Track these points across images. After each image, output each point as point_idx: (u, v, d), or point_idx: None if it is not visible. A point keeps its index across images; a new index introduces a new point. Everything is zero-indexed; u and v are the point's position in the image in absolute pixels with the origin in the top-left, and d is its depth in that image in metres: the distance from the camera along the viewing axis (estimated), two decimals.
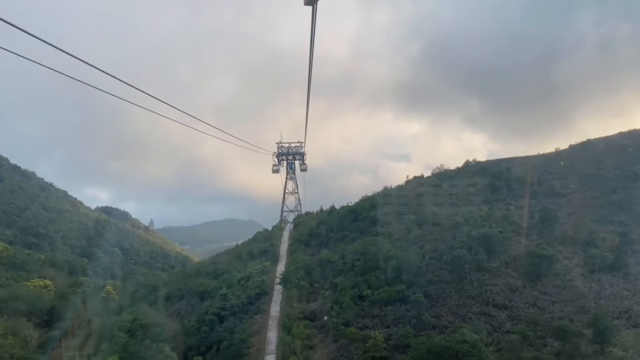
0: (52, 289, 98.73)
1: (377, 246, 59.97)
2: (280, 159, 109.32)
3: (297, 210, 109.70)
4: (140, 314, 69.33)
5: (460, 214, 65.10)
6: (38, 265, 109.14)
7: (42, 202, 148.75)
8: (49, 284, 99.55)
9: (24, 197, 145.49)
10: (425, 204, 72.58)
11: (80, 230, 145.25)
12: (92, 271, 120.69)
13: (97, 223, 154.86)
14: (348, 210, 78.47)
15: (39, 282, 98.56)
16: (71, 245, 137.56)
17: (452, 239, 60.07)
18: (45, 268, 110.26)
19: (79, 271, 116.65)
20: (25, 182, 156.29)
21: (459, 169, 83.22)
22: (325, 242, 72.34)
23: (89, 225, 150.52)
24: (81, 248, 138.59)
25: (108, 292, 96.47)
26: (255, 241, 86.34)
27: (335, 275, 60.16)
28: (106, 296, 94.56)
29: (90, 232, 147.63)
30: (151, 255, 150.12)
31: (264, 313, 60.19)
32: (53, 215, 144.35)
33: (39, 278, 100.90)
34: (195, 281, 72.51)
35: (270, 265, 71.17)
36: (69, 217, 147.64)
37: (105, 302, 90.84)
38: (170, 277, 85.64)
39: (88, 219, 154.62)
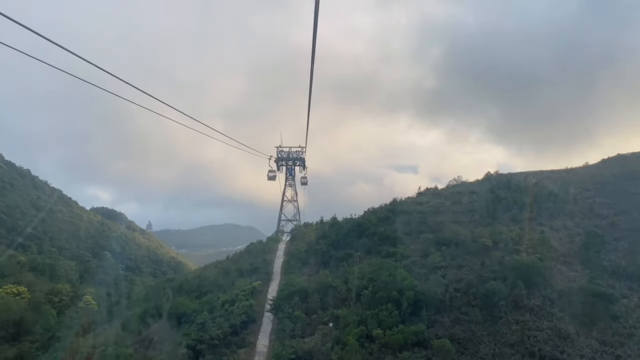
0: (26, 297, 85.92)
1: (389, 271, 46.72)
2: (280, 164, 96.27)
3: (296, 220, 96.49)
4: (108, 338, 56.75)
5: (487, 235, 51.90)
6: (17, 269, 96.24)
7: (32, 201, 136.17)
8: (23, 290, 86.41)
9: (14, 195, 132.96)
10: (443, 220, 59.42)
11: (70, 231, 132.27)
12: (77, 276, 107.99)
13: (90, 224, 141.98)
14: (353, 223, 65.08)
15: (12, 288, 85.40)
16: (60, 247, 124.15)
17: (480, 267, 46.73)
18: (25, 272, 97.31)
19: (62, 276, 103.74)
20: (19, 179, 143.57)
21: (478, 181, 70.13)
22: (325, 261, 59.05)
23: (80, 226, 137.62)
24: (70, 250, 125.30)
25: (87, 301, 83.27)
26: (247, 254, 73.03)
27: (337, 304, 46.95)
28: (85, 306, 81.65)
29: (82, 233, 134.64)
30: (143, 260, 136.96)
31: (250, 347, 46.83)
32: (43, 214, 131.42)
33: (14, 283, 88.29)
34: (174, 301, 59.41)
35: (260, 286, 57.95)
36: (60, 218, 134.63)
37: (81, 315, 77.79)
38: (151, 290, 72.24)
39: (81, 220, 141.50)
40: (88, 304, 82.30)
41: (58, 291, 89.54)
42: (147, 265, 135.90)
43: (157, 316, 58.84)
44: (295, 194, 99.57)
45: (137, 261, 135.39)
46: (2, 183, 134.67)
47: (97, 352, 49.79)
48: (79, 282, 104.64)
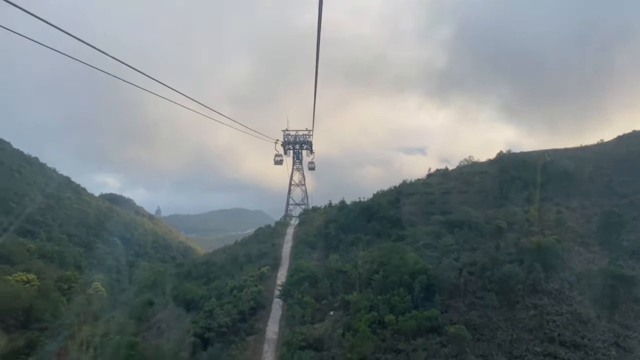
0: (35, 284, 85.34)
1: (400, 255, 44.96)
2: (287, 147, 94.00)
3: (304, 204, 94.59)
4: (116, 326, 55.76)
5: (501, 216, 49.83)
6: (26, 257, 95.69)
7: (41, 188, 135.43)
8: (33, 278, 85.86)
9: (22, 183, 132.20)
10: (455, 202, 57.40)
11: (79, 218, 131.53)
12: (87, 262, 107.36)
13: (98, 211, 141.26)
14: (361, 207, 63.18)
15: (22, 276, 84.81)
16: (69, 233, 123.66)
17: (495, 249, 44.77)
18: (34, 259, 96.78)
19: (70, 263, 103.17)
20: (27, 167, 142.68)
21: (491, 161, 67.77)
22: (334, 245, 57.41)
23: (89, 213, 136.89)
24: (79, 237, 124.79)
25: (96, 288, 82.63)
26: (255, 239, 71.55)
27: (347, 289, 45.43)
28: (94, 293, 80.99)
29: (90, 220, 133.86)
30: (152, 246, 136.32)
31: (259, 334, 45.54)
32: (52, 202, 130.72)
33: (24, 271, 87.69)
34: (183, 287, 58.17)
35: (269, 271, 56.55)
36: (68, 204, 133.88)
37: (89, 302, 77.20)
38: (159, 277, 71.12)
39: (89, 206, 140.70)
40: (97, 290, 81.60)
41: (67, 278, 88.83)
42: (156, 250, 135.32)
43: (165, 303, 57.82)
44: (303, 177, 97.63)
45: (145, 247, 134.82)
46: (11, 171, 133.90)
47: (104, 341, 48.83)
48: (88, 269, 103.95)
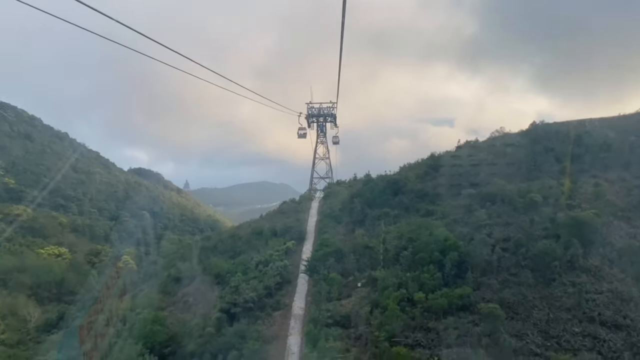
0: (67, 257, 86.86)
1: (429, 230, 43.13)
2: (311, 121, 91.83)
3: (328, 177, 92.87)
4: (144, 300, 56.05)
5: (535, 189, 47.24)
6: (58, 230, 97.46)
7: (71, 163, 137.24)
8: (64, 251, 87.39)
9: (53, 158, 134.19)
10: (486, 174, 54.87)
11: (109, 192, 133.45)
12: (117, 236, 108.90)
13: (127, 185, 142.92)
14: (388, 181, 61.14)
15: (54, 249, 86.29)
16: (99, 208, 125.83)
17: (529, 224, 42.41)
18: (66, 233, 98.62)
19: (101, 236, 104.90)
20: (57, 142, 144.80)
21: (523, 132, 64.51)
22: (360, 220, 55.84)
23: (118, 187, 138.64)
24: (109, 211, 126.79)
25: (126, 261, 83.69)
26: (280, 213, 70.60)
27: (374, 265, 43.96)
28: (123, 266, 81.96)
29: (119, 194, 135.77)
30: (180, 219, 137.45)
31: (285, 309, 44.77)
32: (82, 176, 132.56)
33: (56, 245, 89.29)
34: (209, 261, 57.82)
35: (294, 246, 55.60)
36: (98, 179, 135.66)
37: (119, 275, 78.06)
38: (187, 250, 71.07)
39: (118, 180, 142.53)
40: (127, 263, 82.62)
41: (98, 252, 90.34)
42: (184, 223, 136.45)
43: (192, 277, 57.64)
44: (327, 151, 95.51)
45: (174, 220, 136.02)
46: (42, 147, 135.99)
47: (131, 315, 48.98)
48: (118, 242, 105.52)
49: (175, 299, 54.84)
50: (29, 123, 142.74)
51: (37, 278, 71.97)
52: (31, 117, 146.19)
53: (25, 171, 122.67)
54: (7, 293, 64.49)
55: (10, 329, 55.65)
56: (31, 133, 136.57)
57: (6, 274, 69.11)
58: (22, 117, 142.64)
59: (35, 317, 60.03)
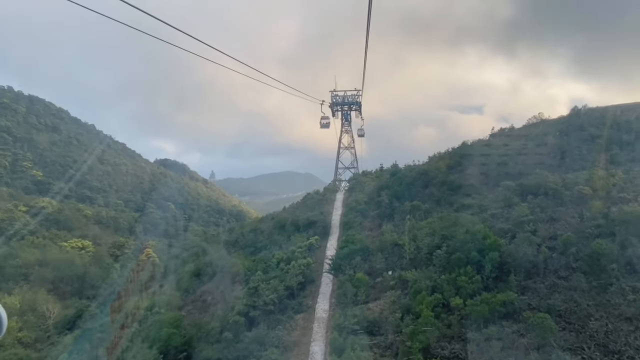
0: (91, 250, 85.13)
1: (465, 227, 38.52)
2: (335, 109, 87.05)
3: (353, 167, 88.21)
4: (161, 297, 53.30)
5: (583, 181, 42.01)
6: (83, 223, 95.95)
7: (98, 155, 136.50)
8: (88, 244, 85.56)
9: (80, 150, 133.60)
10: (525, 164, 49.73)
11: (134, 183, 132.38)
12: (141, 227, 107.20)
13: (153, 176, 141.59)
14: (417, 171, 56.39)
15: (77, 242, 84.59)
16: (125, 199, 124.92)
17: (578, 220, 37.36)
18: (90, 225, 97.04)
19: (125, 228, 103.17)
20: (84, 134, 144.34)
21: (563, 118, 58.79)
22: (388, 214, 51.42)
23: (144, 178, 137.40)
24: (135, 202, 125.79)
25: (148, 254, 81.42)
26: (304, 206, 66.66)
27: (404, 266, 39.68)
28: (146, 259, 79.80)
29: (145, 185, 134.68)
30: (205, 210, 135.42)
31: (308, 312, 40.95)
32: (108, 168, 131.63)
33: (80, 237, 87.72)
34: (229, 257, 54.63)
35: (318, 242, 51.68)
36: (124, 170, 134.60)
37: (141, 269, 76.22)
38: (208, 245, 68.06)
39: (144, 172, 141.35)
40: (149, 256, 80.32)
41: (121, 244, 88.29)
42: (209, 214, 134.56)
43: (212, 273, 54.57)
44: (352, 140, 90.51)
45: (199, 211, 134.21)
46: (69, 138, 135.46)
47: (149, 315, 46.09)
48: (143, 234, 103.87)
49: (194, 297, 51.85)
50: (57, 116, 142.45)
51: (59, 272, 70.09)
52: (59, 110, 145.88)
53: (53, 163, 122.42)
54: (28, 288, 62.48)
55: (28, 325, 53.36)
56: (58, 125, 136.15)
57: (28, 268, 67.43)
58: (50, 110, 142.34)
59: (55, 313, 57.70)
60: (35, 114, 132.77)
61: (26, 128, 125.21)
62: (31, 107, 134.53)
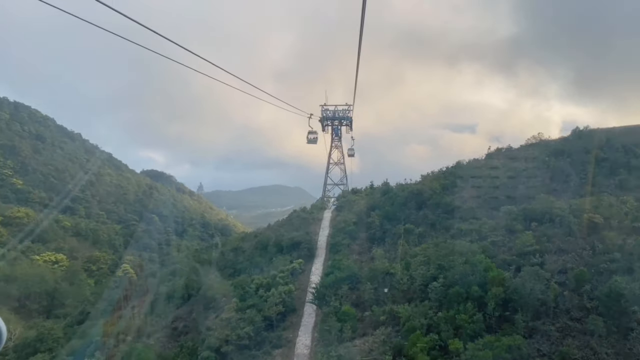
0: (64, 264, 79.31)
1: (464, 257, 33.93)
2: (325, 124, 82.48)
3: (343, 184, 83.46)
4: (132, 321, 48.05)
5: (591, 207, 37.67)
6: (59, 235, 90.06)
7: (82, 165, 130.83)
8: (62, 258, 79.77)
9: (64, 159, 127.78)
10: (526, 187, 45.49)
11: (118, 194, 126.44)
12: (122, 241, 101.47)
13: (138, 187, 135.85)
14: (410, 191, 51.80)
15: (50, 256, 78.88)
16: (107, 210, 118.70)
17: (591, 253, 33.04)
18: (68, 238, 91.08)
19: (104, 241, 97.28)
20: (69, 143, 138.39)
21: (565, 139, 54.75)
22: (378, 237, 46.70)
23: (128, 189, 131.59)
24: (118, 214, 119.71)
25: (125, 270, 75.89)
26: (289, 224, 61.67)
27: (396, 297, 34.90)
28: (123, 275, 74.25)
29: (129, 197, 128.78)
30: (190, 223, 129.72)
31: (288, 347, 35.94)
32: (92, 178, 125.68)
33: (55, 250, 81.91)
34: (206, 279, 49.47)
35: (302, 265, 46.77)
36: (108, 181, 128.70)
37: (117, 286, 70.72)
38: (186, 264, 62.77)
39: (129, 183, 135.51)
40: (126, 272, 74.98)
41: (97, 259, 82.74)
42: (194, 228, 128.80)
43: (186, 296, 49.36)
44: (342, 156, 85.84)
45: (184, 224, 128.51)
46: (52, 147, 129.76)
47: (116, 343, 40.94)
48: (123, 247, 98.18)
49: (166, 322, 46.43)
50: (42, 123, 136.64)
51: (27, 288, 64.54)
52: (44, 117, 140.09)
53: (34, 172, 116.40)
54: None
55: None
56: (42, 133, 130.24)
57: None
58: (35, 117, 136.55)
59: (16, 334, 51.79)
60: (20, 121, 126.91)
61: (9, 135, 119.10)
62: (16, 113, 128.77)
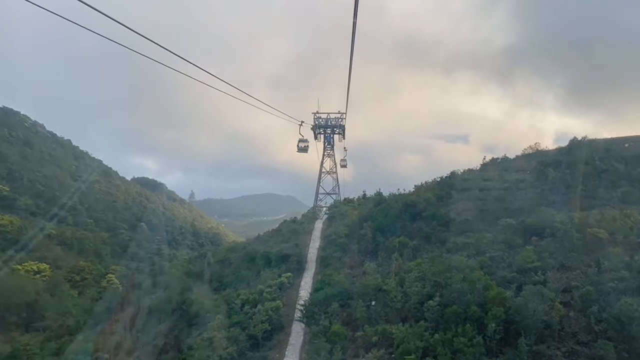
0: (47, 275, 75.87)
1: (461, 274, 31.53)
2: (317, 132, 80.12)
3: (335, 193, 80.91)
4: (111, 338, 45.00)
5: (594, 221, 35.50)
6: (44, 243, 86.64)
7: (71, 171, 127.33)
8: (45, 268, 76.31)
9: (52, 166, 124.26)
10: (525, 199, 43.34)
11: (107, 202, 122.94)
12: (109, 250, 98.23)
13: (127, 195, 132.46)
14: (404, 202, 49.45)
15: (32, 265, 75.49)
16: (96, 218, 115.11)
17: (596, 270, 30.78)
18: (52, 246, 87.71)
19: (90, 250, 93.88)
20: (58, 149, 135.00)
21: (562, 149, 52.77)
22: (371, 250, 44.30)
23: (118, 197, 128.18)
24: (106, 222, 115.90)
25: (110, 281, 72.88)
26: (279, 235, 59.04)
27: (389, 317, 32.36)
28: (108, 286, 71.23)
29: (119, 204, 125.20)
30: (180, 232, 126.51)
31: None
32: (81, 185, 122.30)
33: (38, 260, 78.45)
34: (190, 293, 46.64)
35: (291, 279, 44.19)
36: (97, 188, 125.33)
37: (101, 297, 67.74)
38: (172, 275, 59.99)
39: (119, 190, 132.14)
40: (111, 283, 71.98)
41: (81, 269, 79.25)
42: (183, 237, 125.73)
43: (169, 311, 46.55)
44: (335, 165, 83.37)
45: (174, 233, 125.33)
46: (41, 154, 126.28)
47: None
48: (110, 256, 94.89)
49: (147, 339, 43.57)
50: (31, 129, 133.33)
51: (6, 300, 61.30)
52: (33, 123, 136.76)
53: (21, 178, 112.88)
54: None
55: None
56: (31, 139, 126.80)
57: None
58: (24, 123, 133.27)
59: None
60: (7, 126, 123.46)
61: None
62: (4, 119, 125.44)
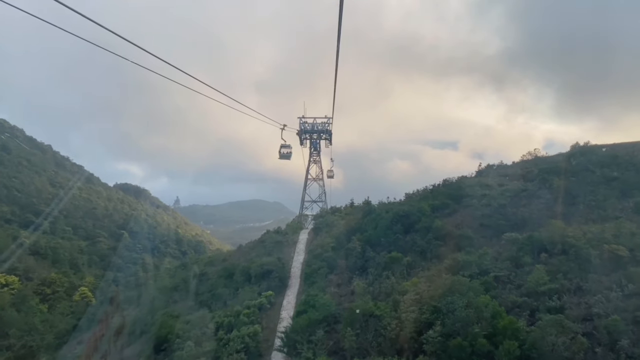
0: (16, 287, 69.81)
1: (466, 298, 26.77)
2: (303, 137, 75.23)
3: (321, 201, 75.94)
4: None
5: (610, 236, 31.10)
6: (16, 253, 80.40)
7: (50, 177, 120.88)
8: (13, 280, 70.24)
9: (30, 172, 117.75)
10: (529, 211, 38.84)
11: (87, 209, 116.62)
12: (86, 259, 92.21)
13: (109, 202, 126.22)
14: (395, 213, 44.61)
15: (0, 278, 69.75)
16: (74, 225, 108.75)
17: (620, 295, 26.27)
18: (25, 256, 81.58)
19: (65, 260, 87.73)
20: (38, 155, 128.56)
21: (563, 155, 48.54)
22: (360, 266, 39.27)
23: (98, 203, 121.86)
24: (85, 229, 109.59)
25: (83, 295, 66.98)
26: (261, 247, 53.81)
27: (382, 347, 27.38)
28: (80, 300, 65.43)
29: (99, 211, 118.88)
30: (162, 240, 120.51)
31: None
32: (60, 191, 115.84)
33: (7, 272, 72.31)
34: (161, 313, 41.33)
35: (272, 298, 39.11)
36: (76, 194, 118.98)
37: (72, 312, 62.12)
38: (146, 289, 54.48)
39: (99, 196, 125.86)
40: (84, 297, 66.15)
41: (52, 281, 73.11)
42: (166, 245, 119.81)
43: (138, 333, 41.29)
44: (321, 171, 78.45)
45: (156, 241, 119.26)
46: (19, 159, 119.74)
47: None
48: (87, 266, 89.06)
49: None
50: (10, 134, 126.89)
51: None
52: (12, 128, 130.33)
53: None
54: None
55: None
56: (8, 144, 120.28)
57: None
58: (2, 128, 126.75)
59: None
60: None
61: None
62: None
